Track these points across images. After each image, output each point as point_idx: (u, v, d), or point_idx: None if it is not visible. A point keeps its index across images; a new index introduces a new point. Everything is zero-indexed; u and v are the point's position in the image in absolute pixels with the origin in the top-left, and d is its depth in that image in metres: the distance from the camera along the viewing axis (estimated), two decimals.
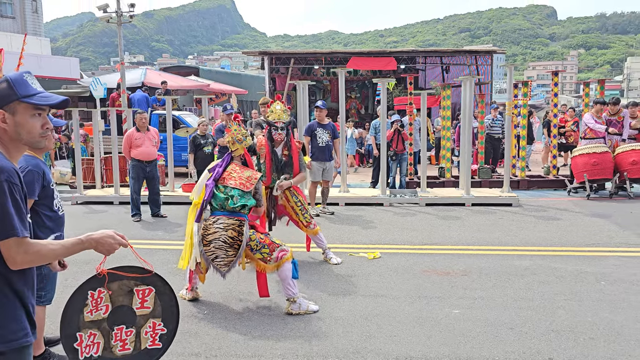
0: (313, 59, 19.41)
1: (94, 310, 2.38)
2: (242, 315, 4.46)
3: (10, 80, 1.92)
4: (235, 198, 4.37)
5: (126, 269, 2.44)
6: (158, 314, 2.50)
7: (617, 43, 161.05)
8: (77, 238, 2.04)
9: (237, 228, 4.34)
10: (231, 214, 4.37)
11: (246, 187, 4.42)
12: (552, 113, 11.63)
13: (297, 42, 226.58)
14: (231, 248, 4.31)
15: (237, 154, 4.66)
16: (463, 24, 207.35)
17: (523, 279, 5.24)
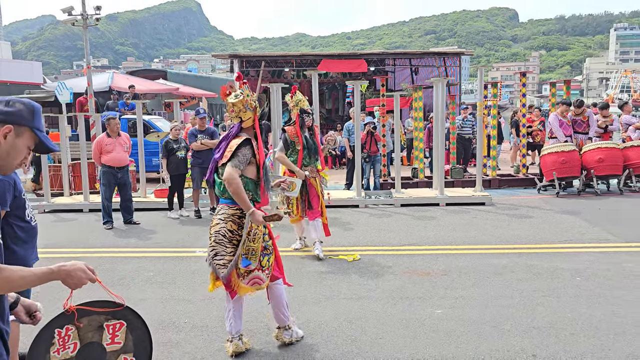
0: (283, 61, 19.37)
1: (61, 350, 2.25)
2: (223, 322, 4.37)
3: (34, 108, 2.03)
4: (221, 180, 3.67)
5: (96, 304, 2.34)
6: (129, 349, 2.40)
7: (576, 44, 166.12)
8: (48, 268, 1.98)
9: (237, 220, 3.65)
10: (232, 202, 3.65)
11: (225, 157, 3.61)
12: (521, 113, 11.87)
13: (265, 45, 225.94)
14: (230, 244, 3.65)
15: (248, 124, 3.73)
16: (428, 26, 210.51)
17: (501, 277, 5.31)
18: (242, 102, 3.67)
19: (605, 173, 9.83)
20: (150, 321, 4.36)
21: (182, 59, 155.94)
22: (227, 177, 3.51)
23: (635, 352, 3.65)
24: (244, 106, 3.68)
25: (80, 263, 2.08)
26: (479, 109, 9.71)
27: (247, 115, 3.71)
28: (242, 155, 3.57)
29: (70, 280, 2.03)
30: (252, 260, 3.63)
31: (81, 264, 2.08)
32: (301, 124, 6.21)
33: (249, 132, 3.71)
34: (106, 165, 8.16)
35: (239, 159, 3.56)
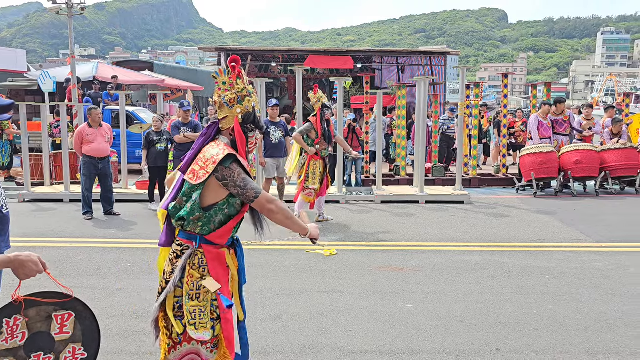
0: (270, 56, 19.38)
1: (9, 339, 2.30)
2: None
3: None
4: (178, 201, 2.58)
5: (44, 295, 2.38)
6: (78, 338, 2.47)
7: (563, 47, 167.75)
8: (7, 255, 2.05)
9: (173, 259, 2.58)
10: (179, 234, 2.61)
11: (197, 177, 2.49)
12: (502, 114, 12.04)
13: (255, 39, 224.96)
14: (159, 288, 2.64)
15: (224, 126, 2.62)
16: (418, 24, 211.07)
17: (473, 274, 5.43)
18: (217, 93, 2.62)
19: (582, 175, 10.03)
20: (125, 311, 4.44)
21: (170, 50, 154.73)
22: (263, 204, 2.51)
23: (594, 348, 3.78)
24: (219, 98, 2.61)
25: (34, 255, 2.15)
26: (461, 108, 9.84)
27: (223, 112, 2.62)
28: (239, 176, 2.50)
29: (21, 271, 2.10)
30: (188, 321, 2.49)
31: (35, 256, 2.14)
32: (321, 116, 7.58)
33: (226, 135, 2.63)
34: (87, 155, 8.14)
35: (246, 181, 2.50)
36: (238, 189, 2.48)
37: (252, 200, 2.50)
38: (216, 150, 2.52)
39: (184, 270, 2.52)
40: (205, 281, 2.50)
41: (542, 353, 3.71)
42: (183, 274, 2.52)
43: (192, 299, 2.49)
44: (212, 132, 2.64)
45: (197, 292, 2.49)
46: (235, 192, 2.50)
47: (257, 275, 5.40)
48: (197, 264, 2.52)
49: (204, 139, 2.64)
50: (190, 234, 2.55)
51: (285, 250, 6.36)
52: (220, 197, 2.52)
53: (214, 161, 2.47)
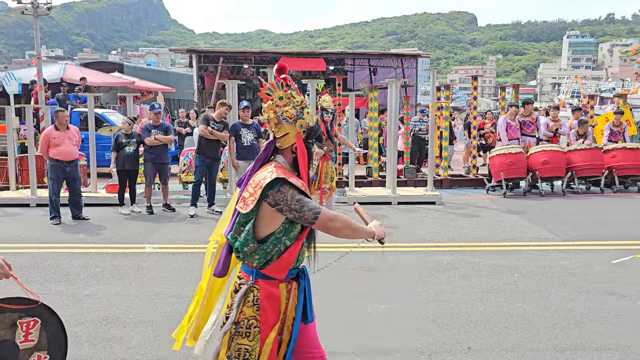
0: (242, 58, 19.28)
1: None
2: (170, 318, 4.38)
3: None
4: (235, 230, 2.40)
5: (9, 301, 2.30)
6: (44, 346, 2.39)
7: (531, 50, 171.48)
8: None
9: (232, 293, 2.45)
10: (242, 266, 2.45)
11: (246, 206, 2.31)
12: (472, 115, 12.23)
13: (227, 40, 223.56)
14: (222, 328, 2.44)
15: (284, 144, 2.39)
16: (390, 27, 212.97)
17: (445, 274, 5.50)
18: (273, 109, 2.36)
19: (550, 175, 10.26)
20: (94, 317, 4.36)
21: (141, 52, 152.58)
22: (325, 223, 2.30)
23: (561, 344, 3.87)
24: (275, 115, 2.36)
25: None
26: (431, 110, 9.96)
27: (283, 129, 2.36)
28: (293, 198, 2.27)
29: None
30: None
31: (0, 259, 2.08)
32: (322, 118, 8.01)
33: (287, 156, 2.39)
34: (54, 159, 7.97)
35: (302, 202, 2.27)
36: (294, 212, 2.26)
37: (312, 222, 2.27)
38: (264, 173, 2.31)
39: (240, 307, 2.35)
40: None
41: (511, 350, 3.78)
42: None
43: (242, 336, 2.34)
44: (269, 152, 2.41)
45: (248, 331, 2.33)
46: (292, 217, 2.27)
47: None
48: (252, 301, 2.34)
49: (262, 161, 2.41)
50: (248, 267, 2.37)
51: None
52: (276, 225, 2.31)
53: (260, 186, 2.27)
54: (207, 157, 8.58)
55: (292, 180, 2.29)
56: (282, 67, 2.41)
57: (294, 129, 2.35)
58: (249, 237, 2.31)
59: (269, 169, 2.33)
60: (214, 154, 8.66)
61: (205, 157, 8.56)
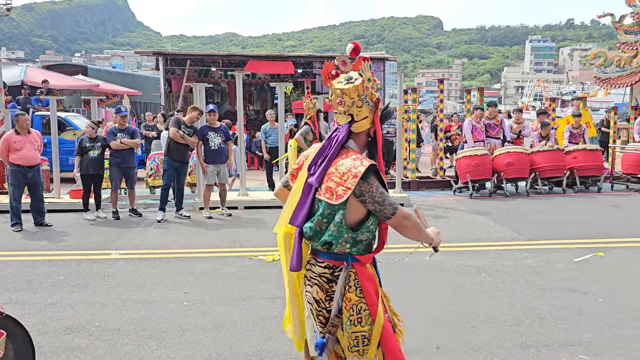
0: (210, 60, 19.10)
1: None
2: (137, 325, 4.30)
3: None
4: (317, 223, 2.30)
5: None
6: (10, 358, 2.32)
7: (495, 54, 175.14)
8: None
9: (324, 284, 2.35)
10: (317, 253, 2.37)
11: (336, 196, 2.22)
12: (439, 118, 12.42)
13: (194, 43, 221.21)
14: (316, 320, 2.38)
15: (361, 127, 2.33)
16: (358, 30, 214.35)
17: (413, 275, 5.56)
18: (359, 91, 2.27)
19: (514, 176, 10.50)
20: (58, 326, 4.24)
21: (106, 54, 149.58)
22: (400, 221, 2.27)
23: (526, 342, 3.95)
24: (360, 97, 2.28)
25: None
26: (399, 113, 10.07)
27: (363, 113, 2.30)
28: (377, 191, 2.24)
29: None
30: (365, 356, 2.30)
31: None
32: (318, 119, 8.66)
33: (360, 140, 2.35)
34: (15, 164, 7.73)
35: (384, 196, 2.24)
36: (376, 205, 2.22)
37: (389, 217, 2.24)
38: (351, 161, 2.22)
39: (343, 295, 2.29)
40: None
41: (478, 349, 3.85)
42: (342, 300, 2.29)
43: (355, 324, 2.28)
44: (345, 137, 2.30)
45: (359, 317, 2.28)
46: (372, 209, 2.23)
47: (198, 283, 5.31)
48: (353, 285, 2.29)
49: (335, 148, 2.28)
50: (339, 254, 2.29)
51: (227, 257, 6.28)
52: (362, 212, 2.27)
53: (354, 175, 2.18)
54: (176, 161, 8.47)
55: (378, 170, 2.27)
56: (357, 47, 2.33)
57: (372, 112, 2.31)
58: (342, 228, 2.25)
59: (354, 156, 2.25)
60: (182, 157, 8.56)
61: (174, 160, 8.45)
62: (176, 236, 7.47)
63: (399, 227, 2.28)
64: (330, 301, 2.30)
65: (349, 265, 2.29)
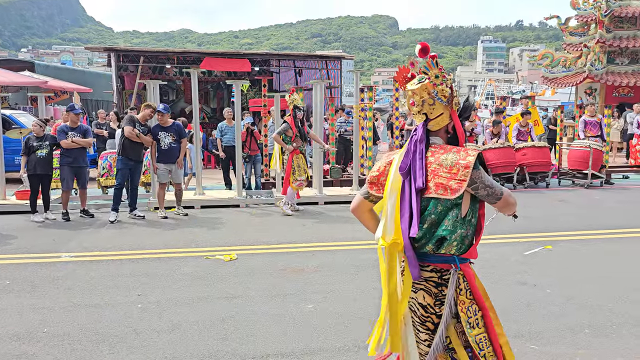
0: (165, 57, 18.73)
1: None
2: (88, 329, 4.17)
3: None
4: (428, 222, 2.24)
5: None
6: None
7: (449, 53, 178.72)
8: None
9: (432, 289, 2.27)
10: (422, 257, 2.28)
11: (451, 190, 2.18)
12: (394, 116, 12.58)
13: (148, 40, 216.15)
14: (422, 327, 2.29)
15: (438, 125, 2.33)
16: (315, 29, 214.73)
17: (372, 271, 5.60)
18: (428, 89, 2.30)
19: None
20: (4, 333, 4.07)
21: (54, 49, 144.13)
22: (507, 199, 2.29)
23: None
24: (430, 96, 2.30)
25: None
26: (355, 111, 10.14)
27: (437, 110, 2.31)
28: (485, 175, 2.26)
29: None
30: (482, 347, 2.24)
31: None
32: (294, 116, 8.54)
33: (440, 136, 2.34)
34: None
35: (491, 179, 2.28)
36: (488, 189, 2.22)
37: (499, 198, 2.25)
38: (455, 155, 2.21)
39: (456, 299, 2.23)
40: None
41: None
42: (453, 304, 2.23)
43: (474, 327, 2.23)
44: (422, 137, 2.28)
45: (476, 319, 2.24)
46: (484, 194, 2.23)
47: (153, 285, 5.20)
48: (464, 288, 2.25)
49: (421, 148, 2.26)
50: (446, 256, 2.23)
51: (183, 258, 6.18)
52: (467, 205, 2.25)
53: (464, 166, 2.15)
54: (131, 160, 8.27)
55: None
56: (426, 47, 2.36)
57: (447, 108, 2.31)
58: (457, 223, 2.21)
59: (454, 149, 2.24)
60: (137, 156, 8.36)
61: (129, 159, 8.25)
62: (130, 237, 7.28)
63: (505, 206, 2.30)
64: (441, 305, 2.23)
65: (457, 267, 2.24)
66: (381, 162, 2.44)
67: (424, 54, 2.34)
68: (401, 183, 2.27)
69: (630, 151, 14.54)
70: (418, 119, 2.35)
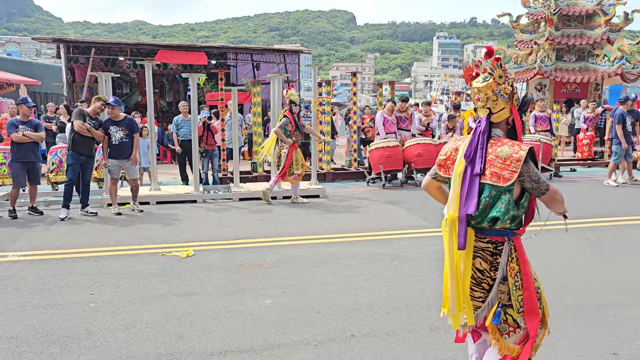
0: (117, 49, 18.18)
1: None
2: (38, 330, 4.02)
3: None
4: (483, 203, 2.63)
5: None
6: None
7: (405, 49, 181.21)
8: None
9: (488, 257, 2.69)
10: (479, 231, 2.70)
11: (503, 179, 2.57)
12: (352, 111, 12.65)
13: (100, 31, 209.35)
14: (478, 287, 2.71)
15: (500, 117, 2.70)
16: (272, 23, 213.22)
17: (329, 265, 5.64)
18: (492, 87, 2.67)
19: (424, 166, 10.92)
20: None
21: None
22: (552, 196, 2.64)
23: (436, 324, 4.13)
24: (493, 92, 2.68)
25: None
26: (313, 105, 10.14)
27: (499, 105, 2.68)
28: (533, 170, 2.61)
29: None
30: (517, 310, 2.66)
31: None
32: (291, 110, 8.94)
33: (502, 128, 2.71)
34: None
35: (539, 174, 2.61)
36: (533, 183, 2.59)
37: (543, 193, 2.61)
38: (509, 148, 2.59)
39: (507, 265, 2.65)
40: None
41: (392, 334, 3.97)
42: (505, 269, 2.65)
43: (519, 289, 2.65)
44: (486, 128, 2.67)
45: (520, 282, 2.65)
46: (529, 187, 2.60)
47: (107, 283, 5.06)
48: (515, 257, 2.66)
49: (483, 139, 2.65)
50: (501, 230, 2.64)
51: (138, 255, 6.04)
52: (518, 191, 2.63)
53: (517, 159, 2.54)
54: (82, 155, 8.01)
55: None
56: (491, 50, 2.78)
57: (508, 103, 2.68)
58: (509, 206, 2.59)
59: (510, 143, 2.62)
60: (88, 151, 8.10)
61: (80, 154, 7.99)
62: (82, 235, 7.06)
63: (550, 201, 2.68)
64: (495, 271, 2.66)
65: (510, 240, 2.65)
66: (448, 148, 2.84)
67: (489, 56, 2.76)
68: (464, 167, 2.68)
69: (577, 145, 15.13)
70: (482, 113, 2.73)
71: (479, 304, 2.72)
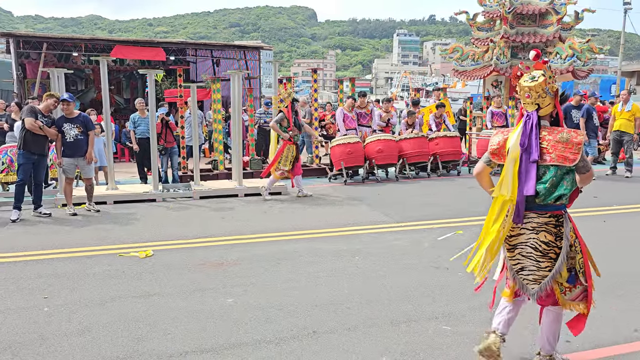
0: (71, 44, 17.63)
1: None
2: (8, 331, 3.86)
3: None
4: (550, 183, 3.10)
5: None
6: None
7: (366, 46, 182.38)
8: None
9: (552, 229, 3.15)
10: (542, 208, 3.15)
11: (569, 160, 3.08)
12: (313, 107, 12.65)
13: (53, 25, 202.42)
14: (544, 257, 3.15)
15: (546, 111, 3.22)
16: (233, 18, 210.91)
17: (291, 262, 5.63)
18: (542, 86, 3.15)
19: (384, 162, 11.06)
20: None
21: None
22: (592, 173, 3.25)
23: (397, 318, 4.19)
24: (543, 90, 3.16)
25: None
26: (274, 102, 10.09)
27: (547, 101, 3.18)
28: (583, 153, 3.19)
29: None
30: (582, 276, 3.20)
31: None
32: (292, 107, 9.21)
33: (546, 119, 3.25)
34: None
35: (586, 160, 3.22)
36: (584, 162, 3.13)
37: (588, 170, 3.18)
38: (567, 134, 3.11)
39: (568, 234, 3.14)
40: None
41: (354, 329, 4.00)
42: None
43: (578, 253, 3.18)
44: (536, 121, 3.15)
45: (579, 247, 3.19)
46: (581, 165, 3.12)
47: (61, 286, 4.91)
48: (570, 227, 3.17)
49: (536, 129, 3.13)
50: (560, 205, 3.13)
51: (95, 256, 5.88)
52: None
53: (578, 142, 3.08)
54: (34, 154, 7.73)
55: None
56: (539, 53, 3.25)
57: (553, 99, 3.20)
58: (574, 183, 3.15)
59: (566, 130, 3.14)
60: (41, 150, 7.83)
61: (31, 153, 7.71)
62: (35, 236, 6.83)
63: (588, 178, 3.23)
64: (560, 240, 3.12)
65: (566, 212, 3.18)
66: (499, 138, 3.31)
67: (537, 58, 3.26)
68: (518, 155, 3.14)
69: None
70: (530, 108, 3.19)
71: (546, 273, 3.14)
